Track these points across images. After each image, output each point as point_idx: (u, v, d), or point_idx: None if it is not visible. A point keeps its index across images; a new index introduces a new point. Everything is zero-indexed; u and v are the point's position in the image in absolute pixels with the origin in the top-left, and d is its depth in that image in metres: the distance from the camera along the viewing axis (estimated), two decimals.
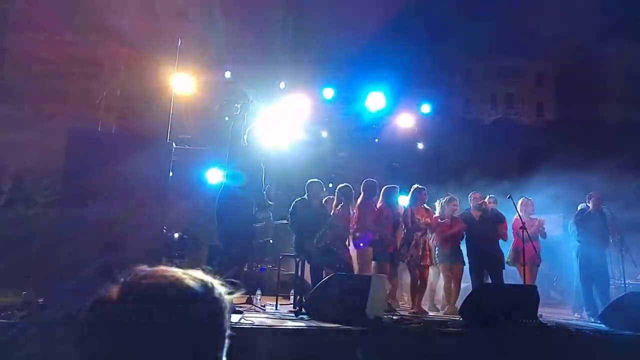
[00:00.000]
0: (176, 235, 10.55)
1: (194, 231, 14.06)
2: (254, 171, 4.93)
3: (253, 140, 5.05)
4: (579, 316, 7.08)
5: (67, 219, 3.52)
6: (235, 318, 4.35)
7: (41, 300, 3.56)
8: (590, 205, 7.11)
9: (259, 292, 5.89)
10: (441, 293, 6.97)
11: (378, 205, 6.52)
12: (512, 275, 7.02)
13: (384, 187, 6.82)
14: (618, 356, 4.59)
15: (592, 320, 6.36)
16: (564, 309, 7.94)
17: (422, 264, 6.43)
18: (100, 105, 10.24)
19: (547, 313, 6.57)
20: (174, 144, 4.01)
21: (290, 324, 4.45)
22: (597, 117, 37.44)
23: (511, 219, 6.95)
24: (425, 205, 6.79)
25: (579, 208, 7.40)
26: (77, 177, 3.54)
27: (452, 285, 6.72)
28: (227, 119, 10.13)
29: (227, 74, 9.79)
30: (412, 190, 6.79)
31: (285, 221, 7.46)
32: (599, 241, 6.83)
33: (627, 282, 7.23)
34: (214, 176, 11.48)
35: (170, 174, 4.21)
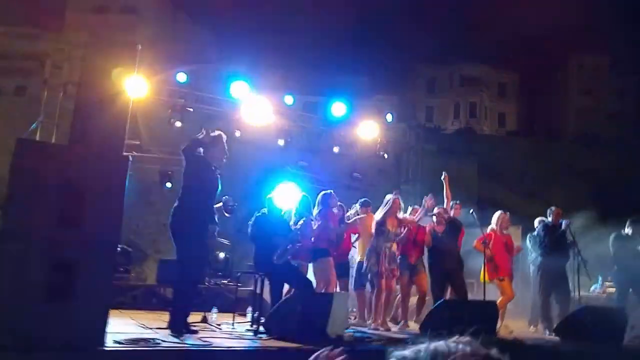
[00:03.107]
0: (118, 248, 10.30)
1: (139, 242, 13.77)
2: (207, 181, 4.94)
3: (209, 149, 5.05)
4: (534, 329, 7.47)
5: (10, 236, 3.45)
6: (190, 339, 4.37)
7: None
8: (550, 219, 7.50)
9: (214, 309, 5.90)
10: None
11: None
12: (493, 289, 7.19)
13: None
14: None
15: (548, 333, 6.71)
16: (519, 321, 8.29)
17: (387, 276, 6.47)
18: (42, 109, 9.94)
19: (503, 325, 6.88)
20: (130, 157, 4.00)
21: (248, 344, 4.50)
22: (556, 129, 39.27)
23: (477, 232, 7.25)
24: (399, 214, 6.82)
25: (538, 221, 7.77)
26: (24, 192, 3.48)
27: (416, 299, 6.92)
28: (179, 124, 10.05)
29: (182, 77, 9.70)
30: (385, 199, 6.86)
31: (225, 241, 7.45)
32: (559, 254, 7.20)
33: (580, 294, 7.64)
34: (165, 184, 11.34)
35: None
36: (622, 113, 39.00)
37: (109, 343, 3.67)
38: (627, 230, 7.54)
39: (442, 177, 7.29)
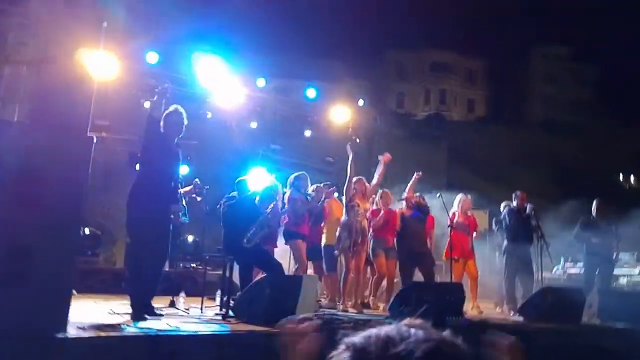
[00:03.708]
0: (87, 231, 10.04)
1: (108, 225, 13.48)
2: (169, 163, 4.69)
3: (172, 129, 4.77)
4: (500, 310, 7.61)
5: None
6: (157, 324, 4.24)
7: None
8: (515, 203, 7.57)
9: (182, 294, 5.77)
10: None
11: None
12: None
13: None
14: (531, 346, 4.98)
15: (512, 314, 6.83)
16: (487, 302, 8.44)
17: (358, 251, 6.44)
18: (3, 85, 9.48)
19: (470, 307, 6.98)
20: (94, 138, 3.79)
21: (216, 328, 4.40)
22: (523, 115, 39.97)
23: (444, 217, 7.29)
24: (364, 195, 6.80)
25: (504, 206, 7.86)
26: None
27: (385, 281, 6.94)
28: (147, 105, 9.74)
29: (153, 57, 9.35)
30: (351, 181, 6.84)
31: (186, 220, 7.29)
32: (524, 238, 7.29)
33: (543, 275, 7.79)
34: (134, 166, 11.06)
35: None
36: (583, 100, 39.97)
37: (72, 330, 3.51)
38: (594, 213, 7.66)
39: (416, 175, 7.21)
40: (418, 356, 0.74)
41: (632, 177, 17.37)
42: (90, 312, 4.70)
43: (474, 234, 7.59)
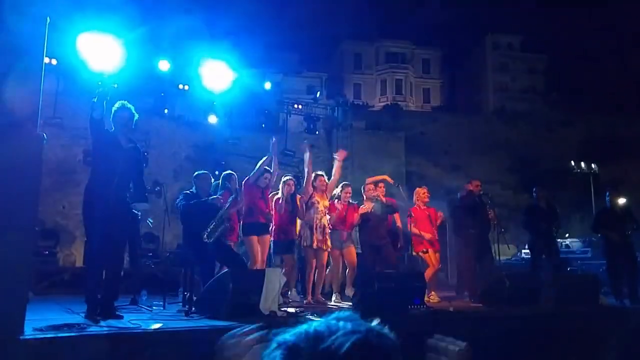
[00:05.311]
0: (44, 230, 9.78)
1: (66, 224, 13.11)
2: (121, 160, 4.51)
3: (120, 125, 4.57)
4: (461, 297, 7.83)
5: None
6: (118, 322, 4.18)
7: None
8: (471, 191, 7.78)
9: (144, 291, 5.70)
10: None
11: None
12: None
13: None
14: (492, 331, 5.19)
15: (473, 300, 7.05)
16: (449, 291, 8.67)
17: (320, 248, 6.52)
18: None
19: (433, 295, 7.16)
20: (44, 135, 3.67)
21: (179, 325, 4.36)
22: (477, 104, 40.98)
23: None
24: (324, 192, 6.86)
25: (460, 195, 8.07)
26: None
27: (347, 272, 7.03)
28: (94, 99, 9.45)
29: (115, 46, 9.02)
30: (312, 176, 6.89)
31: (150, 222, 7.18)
32: (481, 225, 7.50)
33: (501, 261, 8.07)
34: (89, 163, 10.78)
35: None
36: (534, 88, 41.34)
37: (29, 331, 3.42)
38: (536, 200, 7.94)
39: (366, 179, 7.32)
40: (346, 349, 0.75)
41: (582, 163, 18.13)
42: (49, 313, 4.58)
43: (436, 224, 7.73)
